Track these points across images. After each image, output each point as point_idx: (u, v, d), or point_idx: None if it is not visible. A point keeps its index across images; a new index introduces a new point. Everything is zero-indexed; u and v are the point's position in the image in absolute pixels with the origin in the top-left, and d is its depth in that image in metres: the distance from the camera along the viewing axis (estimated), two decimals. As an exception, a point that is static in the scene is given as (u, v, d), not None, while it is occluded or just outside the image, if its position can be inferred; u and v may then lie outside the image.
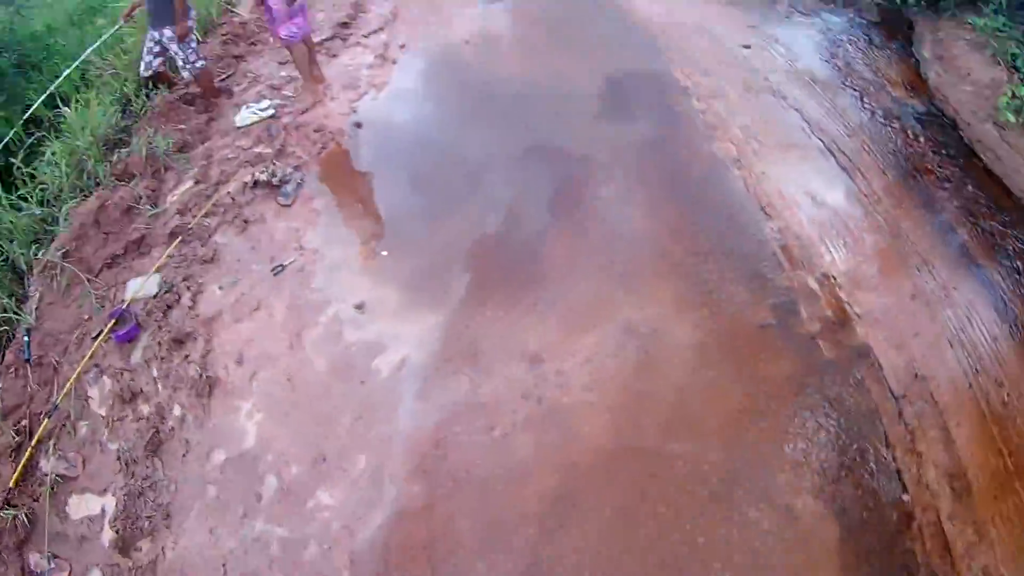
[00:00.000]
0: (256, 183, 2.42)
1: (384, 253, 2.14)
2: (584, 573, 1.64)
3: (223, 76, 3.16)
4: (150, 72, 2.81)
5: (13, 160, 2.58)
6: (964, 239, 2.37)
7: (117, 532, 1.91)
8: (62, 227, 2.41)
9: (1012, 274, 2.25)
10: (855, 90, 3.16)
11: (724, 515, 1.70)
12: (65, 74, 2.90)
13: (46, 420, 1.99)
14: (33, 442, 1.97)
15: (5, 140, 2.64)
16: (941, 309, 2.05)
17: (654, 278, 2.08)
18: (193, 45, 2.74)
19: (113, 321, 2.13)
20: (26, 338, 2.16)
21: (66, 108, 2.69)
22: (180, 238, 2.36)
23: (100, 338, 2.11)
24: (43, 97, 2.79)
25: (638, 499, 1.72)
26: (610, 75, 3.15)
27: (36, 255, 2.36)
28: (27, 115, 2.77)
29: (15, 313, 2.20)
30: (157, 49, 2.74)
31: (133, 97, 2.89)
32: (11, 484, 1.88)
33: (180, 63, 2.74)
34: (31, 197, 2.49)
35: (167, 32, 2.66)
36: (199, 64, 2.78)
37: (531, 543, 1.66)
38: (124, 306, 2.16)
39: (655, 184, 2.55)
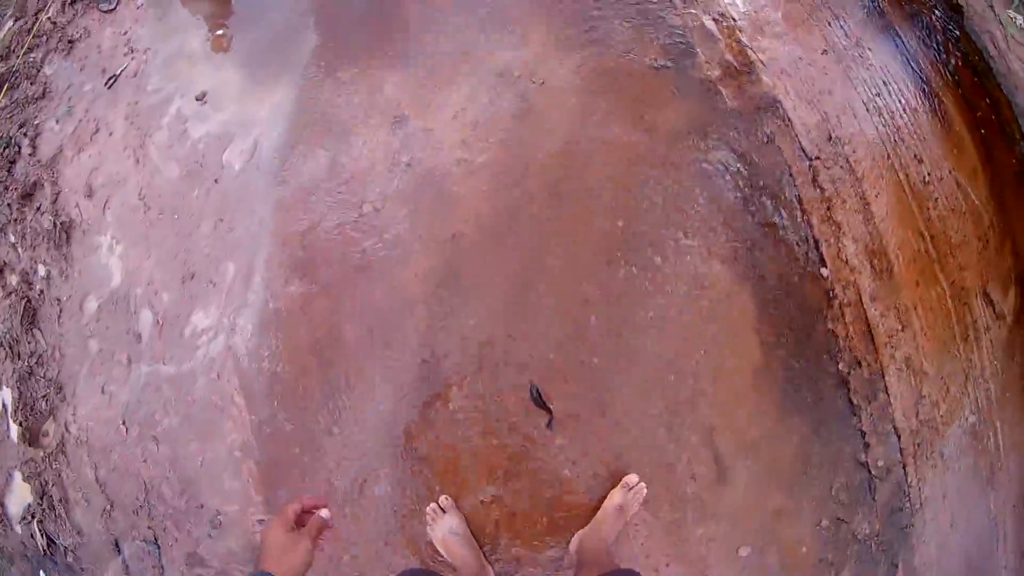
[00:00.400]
0: (75, -3, 1.91)
1: (220, 32, 1.65)
2: (485, 358, 1.32)
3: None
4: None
5: None
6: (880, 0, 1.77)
7: (21, 425, 1.65)
8: None
9: (929, 47, 1.73)
10: None
11: (629, 281, 1.34)
12: None
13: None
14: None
15: None
16: (855, 69, 1.58)
17: (526, 16, 1.57)
18: None
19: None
20: None
21: None
22: (8, 84, 1.90)
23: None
24: None
25: (530, 271, 1.35)
26: None
27: None
28: None
29: None
30: None
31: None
32: None
33: None
34: None
35: None
36: None
37: (421, 331, 1.33)
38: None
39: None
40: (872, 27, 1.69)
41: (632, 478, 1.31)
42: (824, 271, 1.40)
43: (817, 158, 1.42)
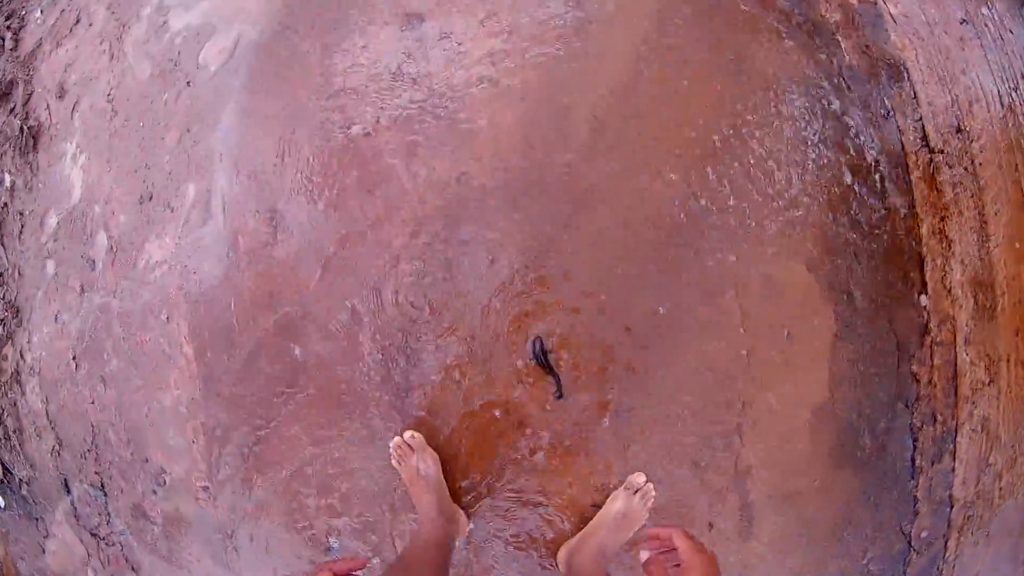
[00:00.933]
0: None
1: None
2: (477, 334, 1.00)
3: None
4: None
5: None
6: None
7: (-20, 351, 1.44)
8: None
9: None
10: None
11: (680, 269, 0.97)
12: None
13: None
14: None
15: None
16: (993, 51, 1.13)
17: None
18: None
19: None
20: None
21: None
22: (3, -34, 1.63)
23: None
24: None
25: (552, 234, 0.98)
26: None
27: None
28: None
29: None
30: None
31: None
32: None
33: None
34: None
35: None
36: None
37: (404, 290, 1.01)
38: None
39: None
40: (1014, 6, 1.29)
41: (638, 478, 1.01)
42: (923, 299, 1.03)
43: (941, 151, 1.01)
